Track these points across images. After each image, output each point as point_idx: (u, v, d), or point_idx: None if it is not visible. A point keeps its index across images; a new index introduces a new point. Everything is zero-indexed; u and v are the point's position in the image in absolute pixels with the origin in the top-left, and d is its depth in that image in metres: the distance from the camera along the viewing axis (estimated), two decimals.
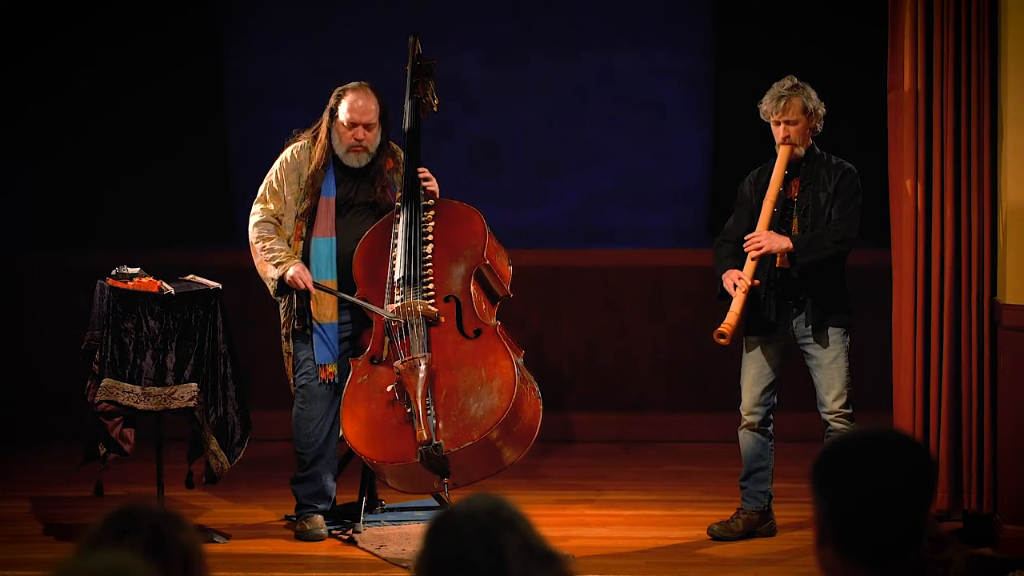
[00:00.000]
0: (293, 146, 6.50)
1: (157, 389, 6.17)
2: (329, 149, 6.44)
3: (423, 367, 6.14)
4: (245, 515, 6.75)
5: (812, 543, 2.71)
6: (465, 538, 2.56)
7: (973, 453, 6.20)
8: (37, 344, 8.30)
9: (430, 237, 6.40)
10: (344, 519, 6.54)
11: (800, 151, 6.25)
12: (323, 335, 6.39)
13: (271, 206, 6.42)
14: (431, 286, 6.34)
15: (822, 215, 6.23)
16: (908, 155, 6.22)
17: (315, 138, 6.47)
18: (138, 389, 6.16)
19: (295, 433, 6.48)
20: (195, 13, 8.39)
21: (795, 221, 6.25)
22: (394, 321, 6.25)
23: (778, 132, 6.25)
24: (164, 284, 6.26)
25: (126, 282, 6.27)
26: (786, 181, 6.25)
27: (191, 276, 6.50)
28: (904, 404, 6.28)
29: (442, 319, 6.29)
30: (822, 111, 6.25)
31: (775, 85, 6.29)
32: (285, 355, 6.51)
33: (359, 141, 6.42)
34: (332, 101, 6.46)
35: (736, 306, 6.09)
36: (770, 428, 6.38)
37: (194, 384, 6.20)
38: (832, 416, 6.24)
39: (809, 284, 6.22)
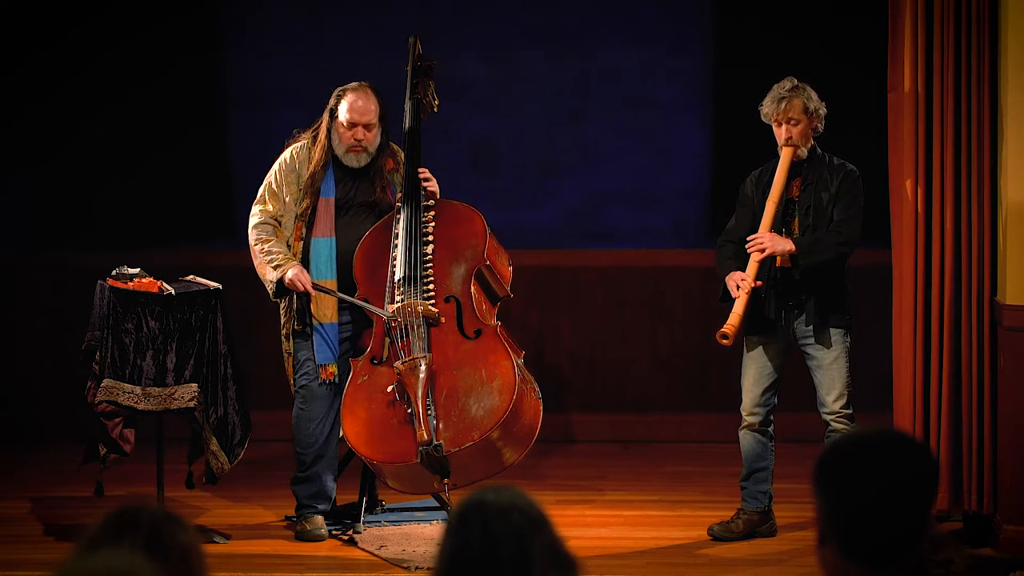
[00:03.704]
0: (292, 147, 6.50)
1: (157, 389, 6.17)
2: (329, 149, 6.44)
3: (423, 367, 6.14)
4: (245, 515, 6.75)
5: (813, 543, 2.71)
6: (496, 533, 2.56)
7: (973, 453, 6.20)
8: (37, 344, 8.30)
9: (430, 237, 6.40)
10: (344, 519, 6.54)
11: (803, 152, 6.25)
12: (323, 335, 6.39)
13: (270, 207, 6.42)
14: (431, 286, 6.34)
15: (824, 214, 6.23)
16: (908, 155, 6.22)
17: (315, 138, 6.47)
18: (138, 389, 6.16)
19: (295, 433, 6.48)
20: (195, 13, 8.39)
21: (796, 221, 6.26)
22: (393, 321, 6.25)
23: (780, 133, 6.25)
24: (164, 284, 6.26)
25: (126, 282, 6.27)
26: (787, 181, 6.26)
27: (191, 276, 6.50)
28: (904, 404, 6.28)
29: (442, 319, 6.29)
30: (823, 111, 6.25)
31: (775, 87, 6.29)
32: (285, 355, 6.51)
33: (359, 141, 6.42)
34: (332, 101, 6.46)
35: (739, 307, 6.10)
36: (770, 428, 6.38)
37: (194, 384, 6.20)
38: (832, 416, 6.24)
39: (810, 284, 6.22)
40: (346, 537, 6.40)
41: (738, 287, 6.14)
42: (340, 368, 6.40)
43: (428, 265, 6.36)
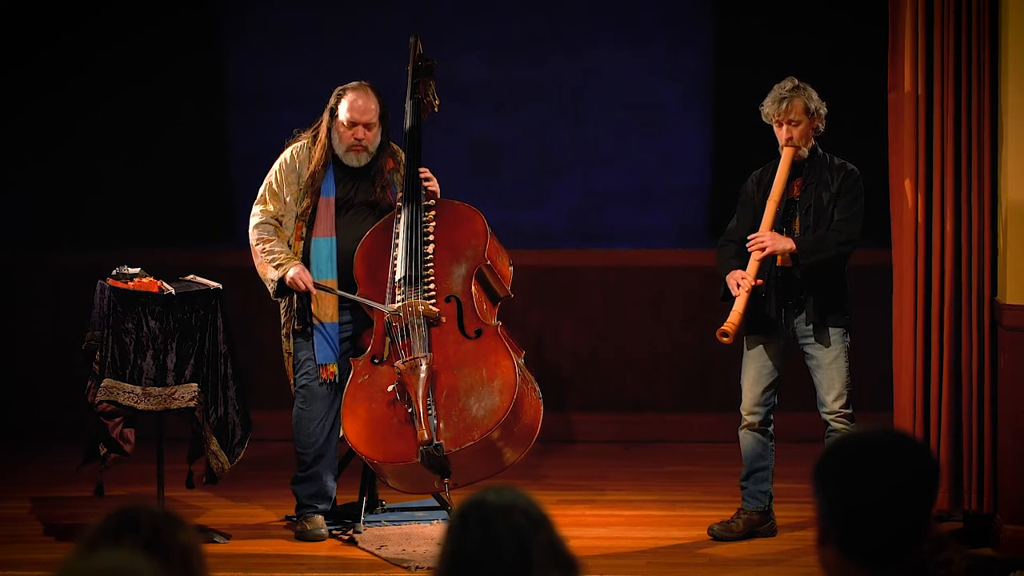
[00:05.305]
0: (292, 147, 6.50)
1: (157, 389, 6.18)
2: (329, 149, 6.44)
3: (424, 367, 6.14)
4: (245, 515, 6.75)
5: (813, 543, 2.70)
6: (497, 533, 2.56)
7: (973, 453, 6.20)
8: (37, 344, 8.30)
9: (431, 237, 6.40)
10: (344, 519, 6.54)
11: (804, 152, 6.26)
12: (324, 334, 6.39)
13: (271, 207, 6.42)
14: (432, 286, 6.33)
15: (825, 214, 6.23)
16: (908, 155, 6.22)
17: (315, 138, 6.47)
18: (138, 389, 6.16)
19: (295, 433, 6.48)
20: (195, 13, 8.39)
21: (797, 220, 6.26)
22: (395, 317, 6.25)
23: (781, 134, 6.26)
24: (164, 284, 6.26)
25: (126, 282, 6.27)
26: (788, 181, 6.26)
27: (191, 276, 6.50)
28: (904, 404, 6.28)
29: (443, 319, 6.29)
30: (824, 111, 6.26)
31: (776, 87, 6.30)
32: (285, 355, 6.51)
33: (359, 141, 6.42)
34: (332, 101, 6.46)
35: (739, 305, 6.10)
36: (770, 428, 6.38)
37: (194, 384, 6.20)
38: (832, 416, 6.24)
39: (810, 284, 6.22)
40: (346, 537, 6.40)
41: (738, 285, 6.15)
42: (340, 368, 6.40)
43: (429, 265, 6.36)
